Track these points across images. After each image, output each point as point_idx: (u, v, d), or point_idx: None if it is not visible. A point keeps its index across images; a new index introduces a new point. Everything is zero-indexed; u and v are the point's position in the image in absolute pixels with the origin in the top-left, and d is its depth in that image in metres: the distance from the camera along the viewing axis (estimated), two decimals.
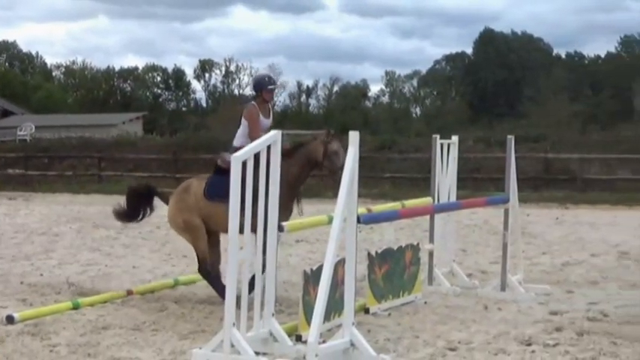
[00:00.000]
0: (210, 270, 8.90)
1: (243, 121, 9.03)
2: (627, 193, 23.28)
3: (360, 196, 6.76)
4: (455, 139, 9.88)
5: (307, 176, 8.99)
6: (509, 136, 9.54)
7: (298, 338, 6.80)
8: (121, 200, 9.73)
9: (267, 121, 9.04)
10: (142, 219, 9.69)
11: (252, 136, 8.69)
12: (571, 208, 20.72)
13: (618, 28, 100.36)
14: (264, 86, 9.06)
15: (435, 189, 9.55)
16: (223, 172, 8.61)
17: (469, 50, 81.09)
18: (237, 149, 8.77)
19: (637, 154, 26.00)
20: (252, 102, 9.11)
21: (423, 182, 20.59)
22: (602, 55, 76.83)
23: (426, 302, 8.82)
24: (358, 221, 6.74)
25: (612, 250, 12.95)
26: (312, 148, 8.82)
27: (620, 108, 61.81)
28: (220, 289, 8.27)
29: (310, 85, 77.41)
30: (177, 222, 9.12)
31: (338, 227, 6.35)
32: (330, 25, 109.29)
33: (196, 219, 8.93)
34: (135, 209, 9.58)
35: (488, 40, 79.26)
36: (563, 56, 79.14)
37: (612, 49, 74.40)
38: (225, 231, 8.29)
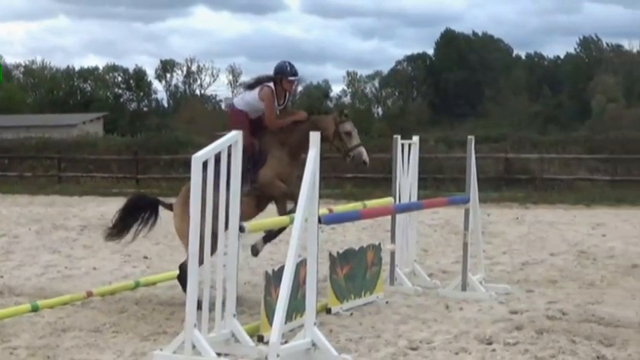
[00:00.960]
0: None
1: (256, 95, 8.77)
2: (586, 193, 23.53)
3: (322, 196, 6.79)
4: (416, 139, 9.92)
5: (305, 149, 8.80)
6: (469, 137, 9.59)
7: (260, 339, 6.80)
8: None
9: (277, 107, 8.88)
10: (140, 231, 9.29)
11: (269, 122, 8.70)
12: (531, 208, 20.88)
13: (577, 29, 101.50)
14: (285, 75, 8.83)
15: (397, 189, 9.59)
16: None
17: (430, 51, 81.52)
18: (233, 109, 8.83)
19: (595, 154, 26.31)
20: (271, 85, 8.81)
21: (385, 182, 20.64)
22: (562, 56, 77.59)
23: (387, 302, 8.85)
24: (319, 222, 6.75)
25: (572, 250, 13.08)
26: (323, 122, 8.68)
27: (579, 108, 62.49)
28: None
29: None
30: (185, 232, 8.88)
31: (299, 228, 6.36)
32: (292, 26, 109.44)
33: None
34: (133, 220, 9.24)
35: (449, 40, 79.71)
36: (524, 57, 79.80)
37: (571, 50, 75.12)
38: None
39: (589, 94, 61.27)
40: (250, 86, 8.95)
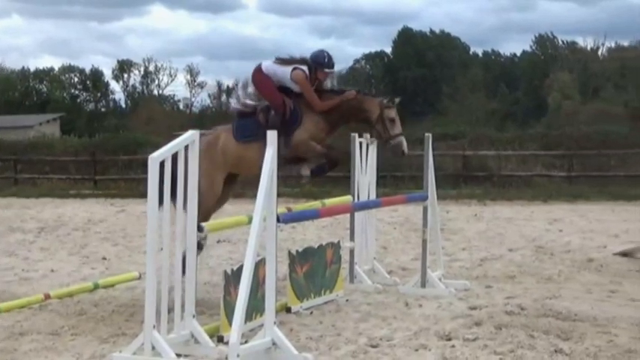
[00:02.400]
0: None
1: (287, 74, 8.54)
2: (543, 189, 23.77)
3: (281, 195, 6.80)
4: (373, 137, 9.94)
5: (350, 117, 8.75)
6: (426, 134, 9.64)
7: (220, 339, 6.78)
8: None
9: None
10: None
11: (314, 106, 8.49)
12: (489, 205, 21.05)
13: (532, 27, 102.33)
14: (321, 65, 8.60)
15: (355, 187, 9.61)
16: (247, 116, 8.71)
17: (388, 49, 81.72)
18: (260, 72, 8.61)
19: (551, 150, 26.59)
20: (306, 68, 8.55)
21: (344, 181, 20.62)
22: (518, 54, 78.24)
23: (347, 300, 8.87)
24: (278, 220, 6.74)
25: (529, 245, 13.21)
26: (368, 103, 8.61)
27: (535, 105, 63.06)
28: None
29: (230, 85, 77.09)
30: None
31: (257, 227, 6.35)
32: (250, 25, 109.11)
33: (219, 179, 8.72)
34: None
35: (406, 39, 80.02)
36: (480, 55, 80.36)
37: (527, 48, 75.74)
38: (258, 171, 8.35)
39: (545, 91, 61.81)
40: (283, 61, 8.68)
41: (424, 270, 9.34)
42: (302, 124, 8.50)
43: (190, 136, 6.52)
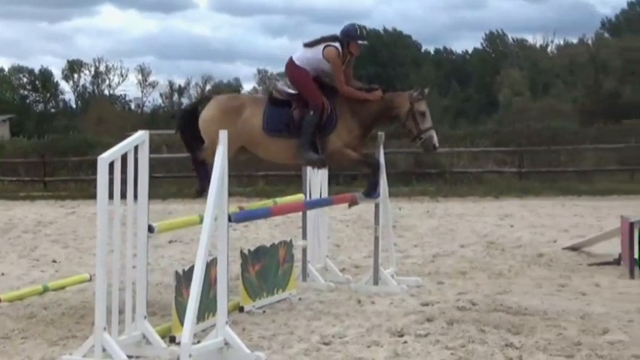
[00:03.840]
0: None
1: (319, 53, 8.33)
2: (494, 185, 24.00)
3: (234, 194, 6.79)
4: None
5: (381, 120, 8.59)
6: (379, 133, 9.68)
7: (172, 340, 6.75)
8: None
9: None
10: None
11: (340, 85, 8.29)
12: (441, 201, 21.19)
13: (483, 24, 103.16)
14: (353, 38, 8.36)
15: (307, 186, 9.62)
16: (278, 104, 8.37)
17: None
18: (295, 65, 8.38)
19: (502, 147, 26.85)
20: (338, 46, 8.31)
21: (297, 179, 20.67)
22: (469, 51, 78.79)
23: (300, 298, 8.87)
24: (229, 220, 6.74)
25: (481, 241, 13.33)
26: (397, 100, 8.36)
27: (487, 102, 63.57)
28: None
29: (182, 85, 76.68)
30: (209, 132, 8.27)
31: (209, 226, 6.33)
32: (201, 24, 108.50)
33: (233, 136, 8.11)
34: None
35: None
36: (432, 52, 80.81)
37: (478, 45, 76.31)
38: (280, 163, 8.39)
39: (496, 88, 62.33)
40: (312, 44, 8.48)
41: (376, 267, 9.38)
42: (336, 129, 8.27)
43: (140, 136, 6.47)
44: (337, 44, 8.32)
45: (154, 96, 77.43)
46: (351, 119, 8.32)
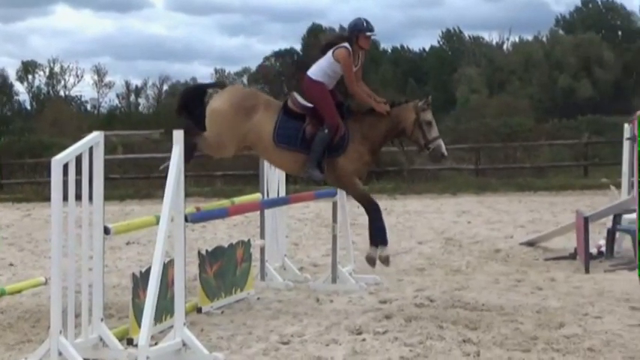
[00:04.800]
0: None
1: (330, 58, 8.19)
2: (452, 182, 24.15)
3: (192, 194, 6.79)
4: None
5: (389, 139, 8.37)
6: None
7: (129, 342, 6.71)
8: None
9: (354, 69, 8.28)
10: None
11: (350, 86, 8.16)
12: (399, 199, 21.27)
13: (439, 22, 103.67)
14: (362, 31, 8.17)
15: (264, 185, 9.61)
16: (292, 115, 8.15)
17: (298, 46, 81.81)
18: (312, 80, 8.21)
19: (460, 144, 27.01)
20: (347, 45, 8.14)
21: (255, 179, 20.65)
22: (426, 49, 79.19)
23: (258, 298, 8.87)
24: (186, 220, 6.72)
25: (438, 237, 13.41)
26: (404, 114, 8.18)
27: (444, 99, 63.95)
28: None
29: (139, 85, 76.18)
30: (214, 124, 8.05)
31: (165, 227, 6.31)
32: (157, 24, 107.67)
33: (237, 136, 8.09)
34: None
35: (316, 35, 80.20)
36: (390, 50, 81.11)
37: (435, 43, 76.70)
38: (288, 171, 8.24)
39: (453, 86, 62.75)
40: (323, 50, 8.35)
41: (334, 265, 9.40)
42: (346, 152, 8.11)
43: (95, 137, 6.42)
44: (346, 44, 8.18)
45: (111, 97, 76.89)
46: (361, 143, 8.16)
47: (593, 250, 11.15)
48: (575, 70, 57.69)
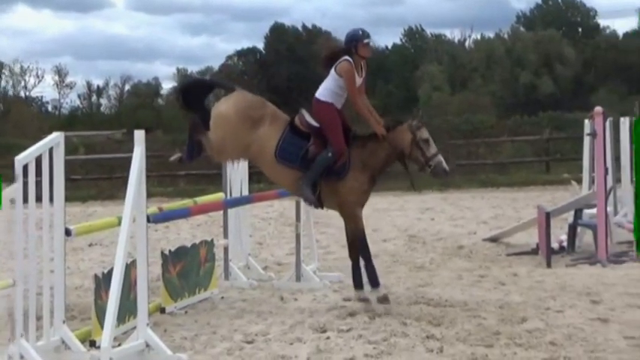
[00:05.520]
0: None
1: (334, 75, 8.02)
2: (416, 179, 24.18)
3: (155, 195, 6.76)
4: None
5: (389, 165, 8.26)
6: None
7: (92, 344, 6.66)
8: None
9: (359, 80, 8.08)
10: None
11: (353, 99, 7.97)
12: None
13: (401, 20, 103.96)
14: (359, 40, 8.02)
15: (227, 184, 9.59)
16: (297, 133, 7.99)
17: (260, 45, 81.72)
18: (321, 102, 8.04)
19: None
20: (347, 57, 7.99)
21: (219, 178, 20.61)
22: (389, 47, 79.43)
23: (222, 297, 8.84)
24: (148, 221, 6.68)
25: (402, 235, 13.46)
26: (400, 136, 8.04)
27: (407, 97, 64.19)
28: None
29: (101, 85, 75.63)
30: (219, 130, 7.90)
31: (127, 228, 6.27)
32: (118, 23, 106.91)
33: (241, 146, 7.94)
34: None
35: (278, 34, 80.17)
36: None
37: (398, 41, 76.95)
38: (283, 187, 8.05)
39: (416, 83, 62.98)
40: (324, 64, 8.18)
41: (298, 264, 9.40)
42: (346, 179, 7.96)
43: (55, 138, 6.36)
44: (346, 57, 8.02)
45: (72, 97, 76.27)
46: (362, 171, 8.02)
47: (555, 245, 11.27)
48: (536, 67, 58.16)
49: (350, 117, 8.27)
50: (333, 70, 8.05)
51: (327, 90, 8.09)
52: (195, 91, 8.33)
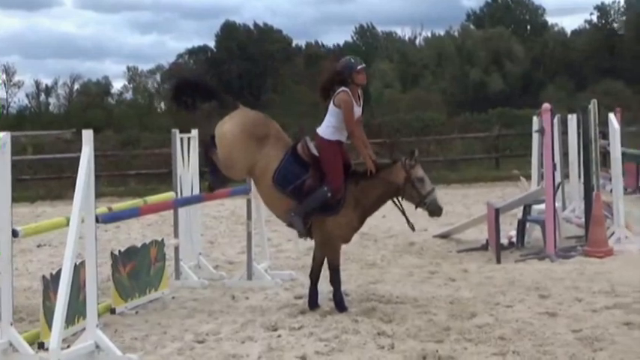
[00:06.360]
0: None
1: (334, 110, 7.90)
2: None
3: (106, 194, 6.70)
4: (195, 132, 9.90)
5: (382, 202, 8.14)
6: None
7: (40, 346, 6.58)
8: None
9: (358, 110, 7.99)
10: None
11: (350, 129, 7.87)
12: None
13: (352, 18, 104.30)
14: (353, 68, 7.91)
15: (178, 183, 9.54)
16: (298, 161, 7.90)
17: (211, 43, 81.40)
18: (324, 140, 7.89)
19: (374, 139, 27.17)
20: (344, 88, 7.89)
21: (169, 177, 20.49)
22: (341, 45, 79.59)
23: (173, 297, 8.80)
24: (97, 221, 6.63)
25: None
26: (393, 175, 7.95)
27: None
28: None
29: (49, 84, 74.79)
30: (225, 148, 7.87)
31: (75, 228, 6.21)
32: (67, 22, 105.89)
33: (250, 160, 7.83)
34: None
35: (229, 32, 79.94)
36: (304, 46, 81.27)
37: (349, 39, 77.15)
38: (273, 212, 7.94)
39: (367, 81, 63.27)
40: (321, 95, 8.08)
41: (250, 262, 9.39)
42: (337, 215, 7.87)
43: (2, 138, 6.26)
44: (343, 88, 7.91)
45: (20, 96, 75.27)
46: (353, 208, 7.95)
47: (505, 241, 11.38)
48: (485, 64, 58.72)
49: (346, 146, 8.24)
50: (331, 104, 7.95)
51: (329, 127, 7.95)
52: (193, 93, 8.27)
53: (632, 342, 6.47)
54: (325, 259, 8.13)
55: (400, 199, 8.10)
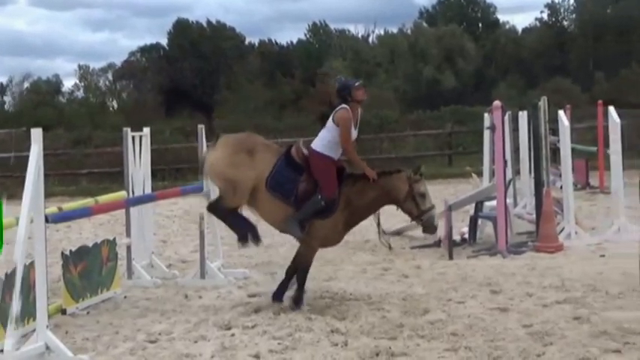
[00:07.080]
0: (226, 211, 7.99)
1: (332, 126, 7.92)
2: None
3: (57, 194, 6.62)
4: (147, 130, 9.84)
5: (376, 207, 8.06)
6: (199, 126, 9.70)
7: None
8: None
9: (354, 132, 8.01)
10: None
11: (345, 146, 7.84)
12: None
13: (305, 16, 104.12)
14: (351, 86, 7.94)
15: (129, 182, 9.46)
16: (292, 165, 7.86)
17: (164, 41, 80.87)
18: (318, 154, 7.87)
19: None
20: (344, 105, 7.90)
21: (121, 176, 20.34)
22: (294, 42, 79.55)
23: (125, 297, 8.73)
24: (47, 221, 6.55)
25: None
26: (395, 184, 7.94)
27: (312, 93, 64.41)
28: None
29: (4, 83, 73.77)
30: (220, 173, 7.90)
31: (24, 228, 6.14)
32: (18, 20, 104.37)
33: (249, 174, 7.77)
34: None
35: (182, 30, 79.44)
36: (257, 44, 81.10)
37: (302, 36, 77.10)
38: (267, 221, 7.87)
39: (317, 78, 63.19)
40: (322, 122, 8.11)
41: (203, 261, 9.36)
42: (326, 219, 7.84)
43: None
44: (343, 105, 7.92)
45: None
46: (341, 212, 7.89)
47: (457, 237, 11.47)
48: (438, 62, 59.01)
49: None
50: (330, 121, 7.95)
51: (324, 141, 7.96)
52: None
53: (581, 336, 6.55)
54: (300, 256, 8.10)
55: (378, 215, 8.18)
